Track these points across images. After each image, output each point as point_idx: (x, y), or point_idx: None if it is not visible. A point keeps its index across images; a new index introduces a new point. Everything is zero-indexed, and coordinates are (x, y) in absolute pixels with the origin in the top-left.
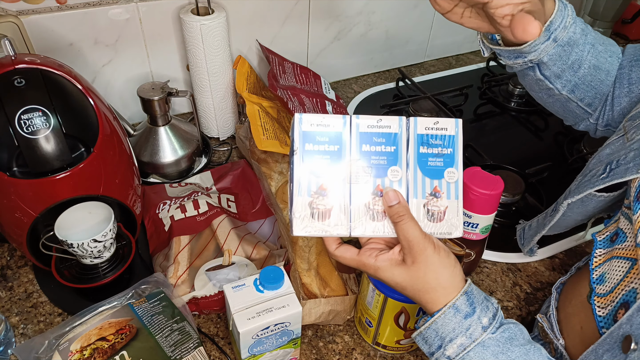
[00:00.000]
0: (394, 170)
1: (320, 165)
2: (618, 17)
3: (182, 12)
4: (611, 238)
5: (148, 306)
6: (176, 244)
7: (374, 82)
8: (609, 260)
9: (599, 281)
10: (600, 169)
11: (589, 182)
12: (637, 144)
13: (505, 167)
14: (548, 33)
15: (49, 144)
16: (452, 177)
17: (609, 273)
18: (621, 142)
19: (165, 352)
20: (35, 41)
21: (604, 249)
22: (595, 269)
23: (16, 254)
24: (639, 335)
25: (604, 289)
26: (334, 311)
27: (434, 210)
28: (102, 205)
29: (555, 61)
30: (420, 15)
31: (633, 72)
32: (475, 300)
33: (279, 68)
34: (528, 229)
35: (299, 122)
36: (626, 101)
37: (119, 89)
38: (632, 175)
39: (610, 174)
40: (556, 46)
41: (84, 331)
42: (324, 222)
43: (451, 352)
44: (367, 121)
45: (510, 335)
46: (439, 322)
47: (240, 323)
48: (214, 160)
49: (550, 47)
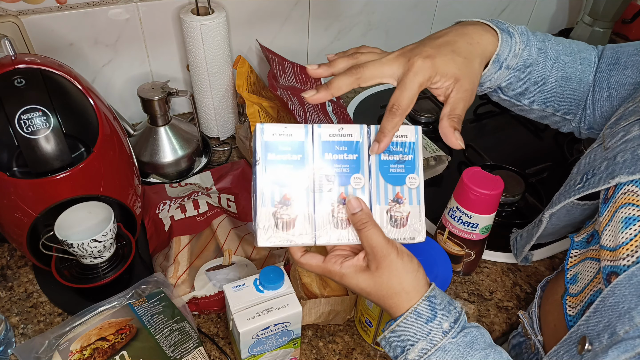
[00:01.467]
0: (357, 178)
1: (283, 174)
2: (618, 17)
3: (182, 12)
4: (587, 239)
5: (148, 306)
6: (176, 244)
7: None
8: (583, 261)
9: (572, 281)
10: (578, 178)
11: (567, 192)
12: (611, 152)
13: (505, 167)
14: (497, 64)
15: (49, 144)
16: (414, 183)
17: (582, 274)
18: (599, 151)
19: (165, 352)
20: (35, 41)
21: (579, 249)
22: (569, 269)
23: (16, 254)
24: (593, 336)
25: (576, 289)
26: (334, 311)
27: (397, 216)
28: (102, 205)
29: (515, 83)
30: (420, 15)
31: (612, 77)
32: (437, 305)
33: (279, 68)
34: (520, 239)
35: (261, 132)
36: (607, 105)
37: (119, 89)
38: (604, 185)
39: (586, 184)
40: (511, 71)
41: (84, 331)
42: (289, 231)
43: (413, 356)
44: (328, 130)
45: (471, 339)
46: (401, 327)
47: (240, 323)
48: (214, 160)
49: (505, 74)
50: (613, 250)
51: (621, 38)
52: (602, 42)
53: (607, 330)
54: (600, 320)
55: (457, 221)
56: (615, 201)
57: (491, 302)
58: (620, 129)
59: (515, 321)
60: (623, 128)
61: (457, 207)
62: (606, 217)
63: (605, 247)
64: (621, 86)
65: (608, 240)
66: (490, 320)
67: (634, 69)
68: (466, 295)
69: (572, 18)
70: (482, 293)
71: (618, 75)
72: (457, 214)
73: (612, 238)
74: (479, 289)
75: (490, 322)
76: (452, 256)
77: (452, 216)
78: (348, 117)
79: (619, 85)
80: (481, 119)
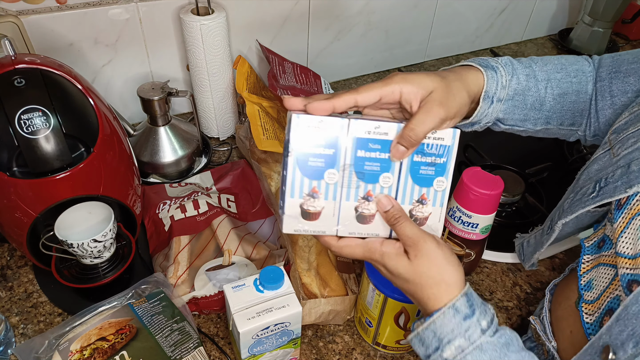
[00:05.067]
0: (386, 177)
1: (314, 168)
2: (618, 17)
3: (182, 12)
4: (598, 244)
5: (148, 306)
6: (176, 244)
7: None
8: (596, 267)
9: (587, 288)
10: (590, 186)
11: (579, 201)
12: (623, 160)
13: (505, 167)
14: (488, 99)
15: (49, 144)
16: (441, 186)
17: (596, 280)
18: (608, 157)
19: (165, 352)
20: (35, 41)
21: (591, 254)
22: (583, 275)
23: (16, 254)
24: (616, 345)
25: (592, 296)
26: (334, 311)
27: (418, 216)
28: (102, 205)
29: (513, 112)
30: (420, 15)
31: (613, 85)
32: (474, 303)
33: (279, 68)
34: (527, 245)
35: (297, 123)
36: (610, 112)
37: (119, 89)
38: (621, 194)
39: (600, 193)
40: (504, 103)
41: (84, 331)
42: (313, 222)
43: (449, 354)
44: (365, 127)
45: (506, 340)
46: (437, 323)
47: (240, 323)
48: (214, 160)
49: (499, 107)
50: (633, 259)
51: (621, 38)
52: (602, 42)
53: (632, 339)
54: (624, 329)
55: (457, 221)
56: (630, 208)
57: (491, 302)
58: (630, 134)
59: (515, 322)
60: (633, 134)
61: (457, 207)
62: (621, 224)
63: (623, 254)
64: (624, 93)
65: (626, 247)
66: None
67: (635, 76)
68: None
69: (572, 18)
70: (482, 293)
71: (620, 83)
72: (457, 214)
73: (630, 246)
74: (479, 289)
75: None
76: None
77: (452, 216)
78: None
79: (622, 92)
80: None
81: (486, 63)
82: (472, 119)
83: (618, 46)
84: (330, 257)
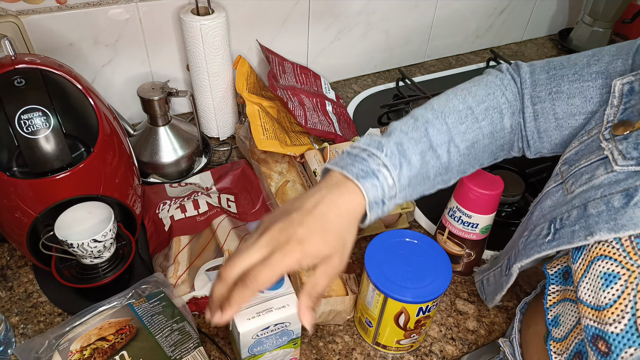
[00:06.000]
0: None
1: None
2: (618, 17)
3: (182, 12)
4: (563, 275)
5: (148, 306)
6: (176, 244)
7: (374, 82)
8: (563, 301)
9: (554, 324)
10: (544, 226)
11: (534, 242)
12: (578, 199)
13: (505, 167)
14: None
15: (49, 144)
16: None
17: (563, 316)
18: (561, 193)
19: (165, 352)
20: (35, 41)
21: (557, 285)
22: (550, 309)
23: (16, 254)
24: None
25: (560, 334)
26: (334, 311)
27: None
28: (102, 205)
29: (416, 191)
30: (420, 15)
31: (557, 107)
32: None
33: (279, 68)
34: (487, 284)
35: None
36: (557, 134)
37: (119, 89)
38: (580, 241)
39: (556, 237)
40: (401, 194)
41: (84, 331)
42: None
43: None
44: None
45: None
46: None
47: (240, 323)
48: (214, 160)
49: (395, 202)
50: (597, 310)
51: (621, 38)
52: (602, 42)
53: None
54: None
55: (457, 221)
56: (590, 250)
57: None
58: (583, 169)
59: None
60: (586, 169)
61: (457, 207)
62: (581, 267)
63: (585, 302)
64: (571, 116)
65: (587, 295)
66: (491, 320)
67: (580, 97)
68: (466, 295)
69: (572, 18)
70: None
71: (564, 105)
72: (457, 214)
73: (592, 294)
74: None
75: (490, 322)
76: (452, 256)
77: (452, 216)
78: (348, 117)
79: (568, 115)
80: None
81: (366, 168)
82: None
83: None
84: None
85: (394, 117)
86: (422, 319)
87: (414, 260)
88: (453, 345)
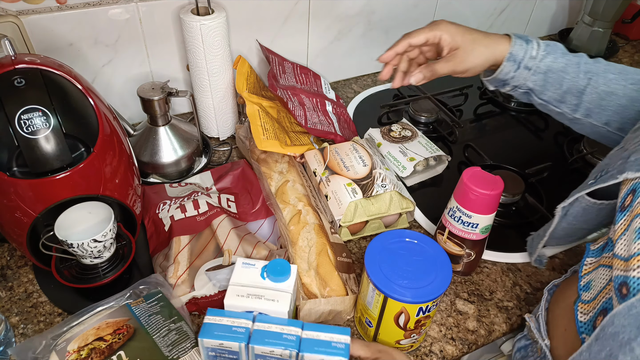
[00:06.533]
0: None
1: None
2: (618, 17)
3: (182, 12)
4: (603, 247)
5: (146, 306)
6: (176, 244)
7: (374, 82)
8: (597, 268)
9: (586, 288)
10: (593, 176)
11: (580, 188)
12: (627, 152)
13: (505, 167)
14: (514, 62)
15: (49, 144)
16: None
17: (595, 280)
18: (617, 152)
19: (163, 352)
20: (35, 41)
21: (594, 257)
22: (583, 277)
23: (16, 254)
24: None
25: (589, 296)
26: (334, 311)
27: None
28: (102, 205)
29: (545, 88)
30: (420, 15)
31: None
32: None
33: (279, 68)
34: (536, 238)
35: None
36: None
37: (119, 89)
38: (612, 180)
39: (598, 180)
40: (534, 74)
41: (82, 331)
42: None
43: None
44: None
45: None
46: None
47: (229, 294)
48: (214, 160)
49: (527, 75)
50: (626, 260)
51: (621, 38)
52: (602, 42)
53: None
54: (602, 349)
55: (457, 221)
56: (632, 210)
57: (491, 302)
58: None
59: (515, 322)
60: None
61: (457, 207)
62: (622, 226)
63: (619, 256)
64: None
65: (622, 249)
66: (490, 320)
67: None
68: (466, 295)
69: (572, 18)
70: (482, 293)
71: None
72: (457, 214)
73: (625, 247)
74: (479, 289)
75: (490, 322)
76: (452, 256)
77: (452, 216)
78: (348, 117)
79: None
80: (481, 119)
81: (521, 35)
82: (496, 75)
83: (618, 46)
84: (330, 257)
85: (394, 117)
86: (422, 319)
87: (414, 260)
88: (453, 345)
